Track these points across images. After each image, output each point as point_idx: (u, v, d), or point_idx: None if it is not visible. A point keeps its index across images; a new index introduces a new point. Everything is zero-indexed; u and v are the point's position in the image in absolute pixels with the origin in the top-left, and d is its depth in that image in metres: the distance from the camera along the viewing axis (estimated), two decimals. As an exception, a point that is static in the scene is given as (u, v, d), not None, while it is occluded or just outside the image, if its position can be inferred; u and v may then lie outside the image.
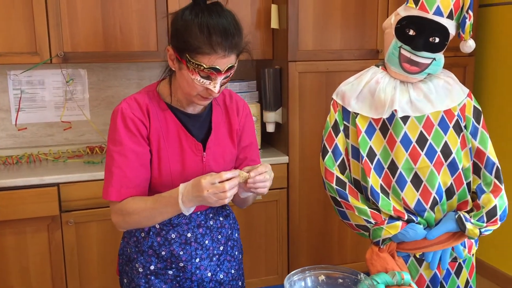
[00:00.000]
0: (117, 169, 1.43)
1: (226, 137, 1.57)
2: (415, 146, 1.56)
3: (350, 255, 3.15)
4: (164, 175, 1.47)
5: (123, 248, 1.63)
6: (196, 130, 1.52)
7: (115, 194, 1.43)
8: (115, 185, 1.43)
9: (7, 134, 2.94)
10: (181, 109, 1.51)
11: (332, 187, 1.62)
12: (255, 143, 1.65)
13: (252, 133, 1.64)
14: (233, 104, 1.60)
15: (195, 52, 1.34)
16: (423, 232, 1.56)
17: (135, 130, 1.44)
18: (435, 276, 1.62)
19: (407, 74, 1.56)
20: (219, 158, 1.54)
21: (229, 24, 1.35)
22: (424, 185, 1.56)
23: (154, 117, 1.47)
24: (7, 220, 2.45)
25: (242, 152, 1.61)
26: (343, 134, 1.64)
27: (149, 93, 1.50)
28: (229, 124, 1.58)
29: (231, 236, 1.64)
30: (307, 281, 1.48)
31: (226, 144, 1.57)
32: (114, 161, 1.43)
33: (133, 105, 1.46)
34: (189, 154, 1.50)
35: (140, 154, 1.45)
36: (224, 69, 1.36)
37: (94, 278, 2.65)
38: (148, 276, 1.54)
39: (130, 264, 1.58)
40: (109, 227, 2.63)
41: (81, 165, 2.71)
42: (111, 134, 1.46)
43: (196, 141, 1.51)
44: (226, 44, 1.34)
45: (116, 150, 1.43)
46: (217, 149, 1.54)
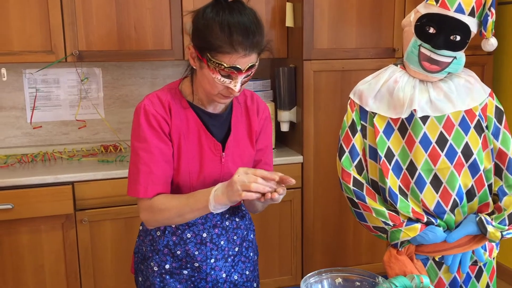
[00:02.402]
0: (143, 166, 1.42)
1: (245, 138, 1.56)
2: (434, 146, 1.53)
3: (365, 256, 3.11)
4: (182, 173, 1.46)
5: (138, 247, 1.62)
6: (216, 130, 1.50)
7: (143, 191, 1.43)
8: (142, 182, 1.43)
9: (22, 133, 2.95)
10: (202, 108, 1.49)
11: (349, 188, 1.59)
12: (270, 146, 1.63)
13: (269, 136, 1.62)
14: (254, 106, 1.58)
15: (215, 51, 1.32)
16: (442, 235, 1.52)
17: (157, 127, 1.43)
18: (455, 280, 1.58)
19: (426, 73, 1.53)
20: (238, 159, 1.52)
21: (251, 23, 1.33)
22: (444, 186, 1.52)
23: (176, 115, 1.46)
24: (22, 218, 2.45)
25: (257, 154, 1.59)
26: (360, 134, 1.61)
27: (171, 91, 1.49)
28: (249, 125, 1.56)
29: (246, 237, 1.62)
30: (324, 283, 1.46)
31: (245, 145, 1.55)
32: (139, 158, 1.43)
33: (155, 102, 1.45)
34: (208, 153, 1.48)
35: (164, 150, 1.44)
36: (245, 68, 1.35)
37: (108, 276, 2.65)
38: (163, 275, 1.53)
39: (145, 262, 1.57)
40: (123, 225, 2.63)
41: (96, 164, 2.72)
42: (135, 131, 1.45)
43: (216, 141, 1.49)
44: (247, 43, 1.32)
45: (141, 147, 1.43)
46: (236, 150, 1.52)
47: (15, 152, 2.90)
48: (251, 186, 1.26)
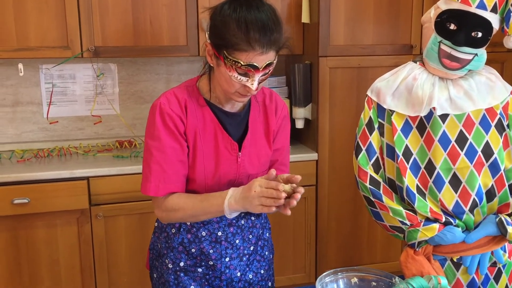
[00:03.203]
0: (155, 165, 1.42)
1: (262, 138, 1.54)
2: (454, 145, 1.50)
3: (380, 255, 3.08)
4: (198, 172, 1.45)
5: (153, 243, 1.62)
6: (233, 129, 1.49)
7: (154, 189, 1.43)
8: (153, 180, 1.42)
9: (39, 127, 2.98)
10: (219, 107, 1.48)
11: (366, 187, 1.57)
12: (287, 146, 1.61)
13: (286, 136, 1.60)
14: (272, 105, 1.56)
15: (232, 49, 1.31)
16: (461, 235, 1.49)
17: (173, 126, 1.42)
18: (473, 281, 1.55)
19: (446, 70, 1.50)
20: (254, 159, 1.51)
21: (268, 19, 1.31)
22: (463, 186, 1.49)
23: (192, 113, 1.45)
24: (38, 212, 2.47)
25: (273, 154, 1.57)
26: (377, 132, 1.59)
27: (189, 88, 1.48)
28: (267, 124, 1.54)
29: (262, 236, 1.61)
30: (339, 283, 1.44)
31: (262, 145, 1.53)
32: (152, 156, 1.42)
33: (171, 100, 1.44)
34: (224, 153, 1.47)
35: (178, 150, 1.43)
36: (262, 66, 1.33)
37: (122, 271, 2.67)
38: (178, 272, 1.53)
39: (160, 259, 1.57)
40: (138, 221, 2.64)
41: (111, 159, 2.73)
42: (150, 128, 1.45)
43: (232, 140, 1.48)
44: (264, 41, 1.30)
45: (155, 145, 1.42)
46: (252, 149, 1.51)
47: (32, 147, 2.92)
48: (266, 202, 1.28)
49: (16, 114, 2.93)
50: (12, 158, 2.73)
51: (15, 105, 2.92)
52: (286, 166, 1.61)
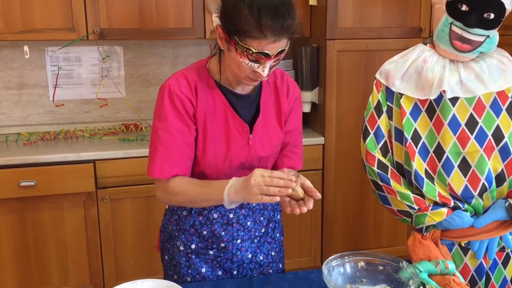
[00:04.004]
0: (161, 147, 1.41)
1: (274, 120, 1.51)
2: (464, 129, 1.47)
3: (385, 240, 3.08)
4: (208, 155, 1.44)
5: (164, 225, 1.62)
6: (244, 111, 1.47)
7: (158, 171, 1.41)
8: (158, 162, 1.41)
9: (45, 110, 2.97)
10: (230, 89, 1.46)
11: (373, 171, 1.55)
12: (299, 128, 1.59)
13: (298, 118, 1.58)
14: (283, 86, 1.53)
15: (243, 35, 1.27)
16: (470, 220, 1.48)
17: (181, 108, 1.40)
18: (481, 266, 1.54)
19: (457, 53, 1.47)
20: (266, 142, 1.49)
21: (281, 5, 1.26)
22: (472, 170, 1.48)
23: (202, 95, 1.43)
24: (45, 195, 2.48)
25: (285, 136, 1.55)
26: (386, 116, 1.56)
27: (199, 69, 1.46)
28: (278, 106, 1.52)
29: (273, 218, 1.60)
30: (346, 267, 1.44)
31: (273, 127, 1.51)
32: (159, 138, 1.41)
33: (181, 82, 1.42)
34: (235, 135, 1.45)
35: (185, 132, 1.41)
36: (274, 53, 1.29)
37: (128, 254, 2.68)
38: (189, 254, 1.53)
39: (171, 241, 1.57)
40: (144, 204, 2.64)
41: (117, 142, 2.72)
42: (158, 110, 1.43)
43: (244, 122, 1.46)
44: (277, 28, 1.25)
45: (162, 127, 1.41)
46: (264, 132, 1.49)
47: (38, 130, 2.92)
48: (269, 190, 1.24)
49: (22, 97, 2.93)
50: (18, 141, 2.73)
51: (21, 87, 2.92)
52: (298, 148, 1.58)
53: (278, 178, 1.25)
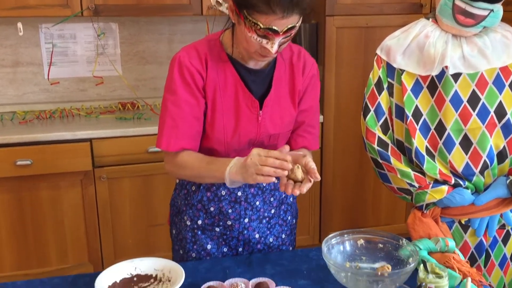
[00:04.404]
0: (169, 119, 1.39)
1: (287, 97, 1.47)
2: (466, 105, 1.45)
3: (384, 218, 3.08)
4: (217, 130, 1.42)
5: (174, 199, 1.61)
6: (256, 86, 1.43)
7: (165, 144, 1.40)
8: (165, 134, 1.40)
9: (40, 89, 2.93)
10: (242, 63, 1.42)
11: (373, 148, 1.53)
12: (315, 107, 1.54)
13: (315, 96, 1.53)
14: (300, 63, 1.48)
15: (252, 10, 1.23)
16: (470, 198, 1.47)
17: (191, 80, 1.38)
18: (481, 243, 1.54)
19: (460, 27, 1.43)
20: (276, 119, 1.46)
21: None
22: (474, 147, 1.46)
23: (212, 68, 1.40)
24: (42, 174, 2.46)
25: (300, 115, 1.51)
26: (386, 92, 1.54)
27: (211, 42, 1.42)
28: (292, 83, 1.47)
29: (285, 200, 1.58)
30: (346, 245, 1.43)
31: (285, 105, 1.47)
32: (167, 110, 1.40)
33: (191, 54, 1.39)
34: (244, 111, 1.42)
35: (194, 106, 1.39)
36: (283, 30, 1.25)
37: (127, 232, 2.68)
38: (195, 230, 1.52)
39: (179, 216, 1.57)
40: (142, 183, 2.63)
41: (113, 121, 2.70)
42: (168, 82, 1.41)
43: (254, 97, 1.42)
44: (286, 3, 1.21)
45: (171, 99, 1.39)
46: (275, 108, 1.45)
47: (33, 108, 2.89)
48: (263, 170, 1.20)
49: (16, 75, 2.89)
50: (13, 120, 2.70)
51: (15, 65, 2.87)
52: (314, 128, 1.54)
53: (273, 158, 1.21)
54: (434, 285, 1.22)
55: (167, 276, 1.35)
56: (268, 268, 1.44)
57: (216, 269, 1.43)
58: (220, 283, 1.32)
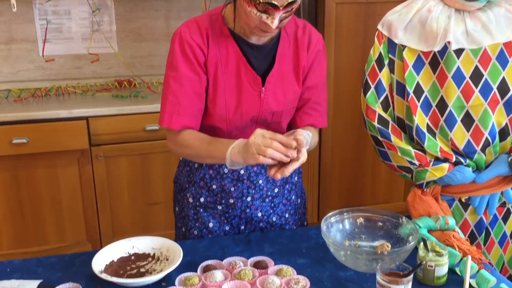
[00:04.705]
0: (171, 96, 1.37)
1: (291, 74, 1.43)
2: (468, 82, 1.42)
3: (383, 196, 3.08)
4: (219, 107, 1.39)
5: (177, 177, 1.60)
6: (258, 62, 1.39)
7: (167, 121, 1.38)
8: (167, 111, 1.38)
9: (35, 66, 2.89)
10: (244, 38, 1.38)
11: (374, 126, 1.51)
12: (322, 84, 1.50)
13: (321, 72, 1.49)
14: (305, 38, 1.43)
15: None
16: (471, 175, 1.45)
17: (192, 56, 1.35)
18: (481, 221, 1.53)
19: (464, 2, 1.40)
20: (280, 96, 1.42)
21: None
22: (476, 125, 1.44)
23: (214, 43, 1.37)
24: (37, 152, 2.44)
25: (305, 92, 1.47)
26: (387, 69, 1.51)
27: (212, 17, 1.39)
28: (297, 59, 1.43)
29: (289, 179, 1.56)
30: (345, 223, 1.42)
31: (289, 81, 1.43)
32: (169, 87, 1.38)
33: (192, 28, 1.36)
34: (246, 87, 1.39)
35: (195, 82, 1.37)
36: (283, 4, 1.21)
37: (124, 211, 2.67)
38: (197, 208, 1.52)
39: (182, 193, 1.56)
40: (139, 162, 2.61)
41: (110, 99, 2.66)
42: (169, 58, 1.39)
43: (255, 74, 1.39)
44: None
45: (172, 75, 1.37)
46: (278, 85, 1.41)
47: (28, 86, 2.85)
48: (266, 152, 1.17)
49: (11, 52, 2.84)
50: (9, 98, 2.66)
51: (9, 42, 2.82)
52: (321, 105, 1.50)
53: (279, 142, 1.18)
54: (434, 263, 1.21)
55: (165, 255, 1.35)
56: (266, 246, 1.43)
57: (215, 248, 1.42)
58: (218, 261, 1.31)
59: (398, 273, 1.16)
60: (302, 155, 1.20)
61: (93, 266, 1.26)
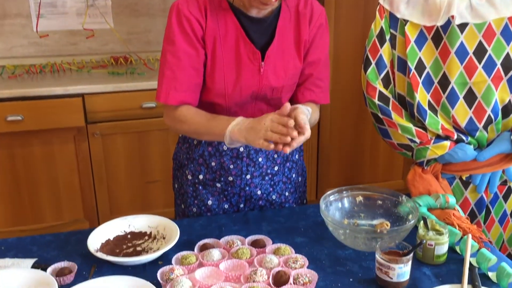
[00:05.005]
0: (168, 71, 1.34)
1: (292, 48, 1.39)
2: (472, 58, 1.39)
3: (382, 174, 3.07)
4: (217, 82, 1.36)
5: (176, 153, 1.58)
6: (258, 36, 1.35)
7: (164, 96, 1.34)
8: (164, 87, 1.34)
9: (29, 42, 2.84)
10: (243, 11, 1.34)
11: (374, 103, 1.48)
12: (325, 59, 1.46)
13: (323, 47, 1.44)
14: (306, 11, 1.39)
15: None
16: (473, 153, 1.43)
17: (189, 30, 1.31)
18: (481, 200, 1.51)
19: (468, -26, 1.35)
20: (280, 71, 1.38)
21: None
22: (478, 101, 1.41)
23: (212, 17, 1.33)
24: (33, 130, 2.41)
25: (307, 67, 1.43)
26: (389, 44, 1.47)
27: None
28: (298, 33, 1.39)
29: (290, 157, 1.53)
30: (344, 201, 1.40)
31: (290, 56, 1.39)
32: (166, 61, 1.34)
33: (190, 1, 1.32)
34: (245, 62, 1.35)
35: (193, 56, 1.33)
36: None
37: (122, 189, 2.65)
38: (196, 185, 1.50)
39: (181, 170, 1.54)
40: (136, 139, 2.58)
41: (106, 76, 2.62)
42: (167, 32, 1.35)
43: (255, 48, 1.35)
44: None
45: (170, 50, 1.33)
46: (278, 60, 1.38)
47: (23, 62, 2.80)
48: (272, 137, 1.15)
49: (4, 27, 2.78)
50: (3, 74, 2.62)
51: (3, 17, 2.76)
52: (323, 81, 1.46)
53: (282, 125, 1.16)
54: (434, 242, 1.20)
55: (162, 233, 1.33)
56: (264, 225, 1.41)
57: (212, 226, 1.41)
58: (215, 240, 1.30)
59: (397, 252, 1.15)
60: (306, 130, 1.17)
61: (88, 244, 1.24)
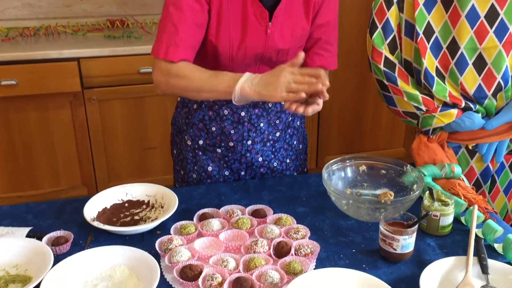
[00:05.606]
0: (170, 25, 1.26)
1: (300, 9, 1.33)
2: (483, 22, 1.33)
3: (383, 142, 3.03)
4: (222, 41, 1.29)
5: (175, 118, 1.54)
6: None
7: (163, 51, 1.26)
8: (165, 41, 1.26)
9: (22, 4, 2.75)
10: None
11: (379, 69, 1.43)
12: (333, 23, 1.40)
13: (332, 10, 1.38)
14: None
15: None
16: (480, 122, 1.39)
17: None
18: (487, 169, 1.48)
19: None
20: (287, 33, 1.32)
21: None
22: (488, 68, 1.35)
23: None
24: (28, 95, 2.36)
25: (316, 30, 1.37)
26: (396, 7, 1.41)
27: None
28: None
29: (291, 124, 1.49)
30: (347, 171, 1.37)
31: (298, 17, 1.33)
32: (168, 14, 1.26)
33: None
34: (252, 21, 1.29)
35: (197, 11, 1.26)
36: None
37: (120, 155, 2.62)
38: (196, 150, 1.47)
39: (180, 135, 1.51)
40: (133, 105, 2.53)
41: (102, 39, 2.55)
42: None
43: (263, 7, 1.28)
44: None
45: (173, 2, 1.25)
46: (286, 20, 1.31)
47: (16, 25, 2.72)
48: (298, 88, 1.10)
49: (-5, -12, 2.69)
50: (-5, 37, 2.55)
51: (-6, -23, 2.67)
52: (331, 45, 1.41)
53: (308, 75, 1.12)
54: (439, 213, 1.17)
55: (160, 202, 1.30)
56: (265, 194, 1.38)
57: (211, 195, 1.38)
58: (215, 210, 1.27)
59: (402, 223, 1.12)
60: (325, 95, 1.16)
61: (85, 213, 1.21)
